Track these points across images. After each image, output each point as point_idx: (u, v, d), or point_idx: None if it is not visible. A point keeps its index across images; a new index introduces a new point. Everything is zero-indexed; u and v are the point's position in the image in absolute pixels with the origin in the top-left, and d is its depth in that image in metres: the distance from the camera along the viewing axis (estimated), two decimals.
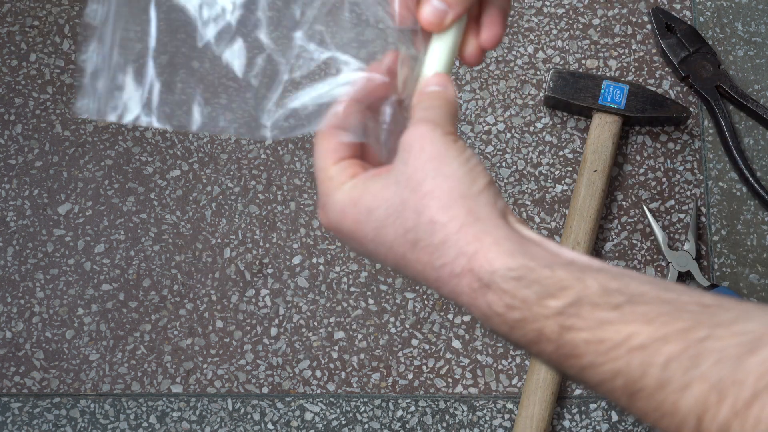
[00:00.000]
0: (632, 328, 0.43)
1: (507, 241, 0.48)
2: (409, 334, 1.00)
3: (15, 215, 1.08)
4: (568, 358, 0.46)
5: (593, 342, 0.44)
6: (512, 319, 0.47)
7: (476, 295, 0.48)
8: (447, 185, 0.49)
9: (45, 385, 1.02)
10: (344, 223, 0.53)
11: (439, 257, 0.49)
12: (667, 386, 0.42)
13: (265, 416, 0.99)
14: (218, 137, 1.08)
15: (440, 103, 0.54)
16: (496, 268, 0.47)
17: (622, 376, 0.44)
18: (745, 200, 1.02)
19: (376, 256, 0.53)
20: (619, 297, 0.45)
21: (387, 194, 0.51)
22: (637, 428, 0.96)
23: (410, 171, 0.50)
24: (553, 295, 0.46)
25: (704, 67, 1.06)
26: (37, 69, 1.13)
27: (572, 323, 0.45)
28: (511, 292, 0.47)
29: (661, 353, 0.42)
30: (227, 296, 1.03)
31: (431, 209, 0.49)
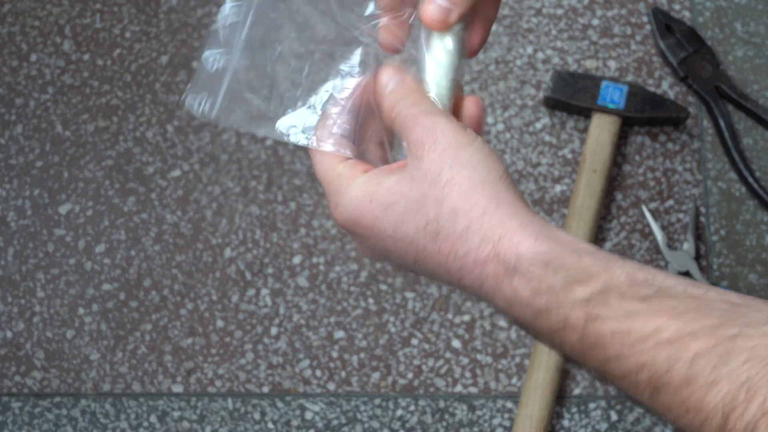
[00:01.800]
0: (660, 321, 0.43)
1: (532, 225, 0.47)
2: (408, 334, 1.00)
3: (16, 215, 1.08)
4: (592, 348, 0.45)
5: (619, 333, 0.44)
6: (538, 306, 0.46)
7: (502, 280, 0.47)
8: (466, 172, 0.49)
9: (45, 385, 1.02)
10: (361, 220, 0.52)
11: (463, 245, 0.48)
12: (693, 382, 0.42)
13: (266, 415, 0.99)
14: (218, 137, 1.09)
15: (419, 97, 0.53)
16: (523, 252, 0.46)
17: (647, 370, 0.43)
18: (744, 200, 1.02)
19: (393, 252, 0.52)
20: (647, 289, 0.44)
21: (404, 188, 0.50)
22: (637, 428, 0.96)
23: (426, 165, 0.50)
24: (580, 281, 0.45)
25: (703, 67, 1.06)
26: (38, 69, 1.13)
27: (599, 312, 0.44)
28: (538, 277, 0.46)
29: (689, 348, 0.42)
30: (228, 296, 1.03)
31: (452, 198, 0.48)
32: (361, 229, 0.52)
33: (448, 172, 0.49)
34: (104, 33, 1.14)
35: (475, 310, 1.00)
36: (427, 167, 0.50)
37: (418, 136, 0.51)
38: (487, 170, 0.49)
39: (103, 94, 1.12)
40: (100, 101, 1.11)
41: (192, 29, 1.13)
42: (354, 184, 0.52)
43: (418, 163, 0.50)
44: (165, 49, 1.13)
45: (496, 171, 0.49)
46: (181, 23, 1.14)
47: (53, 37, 1.15)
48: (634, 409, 0.96)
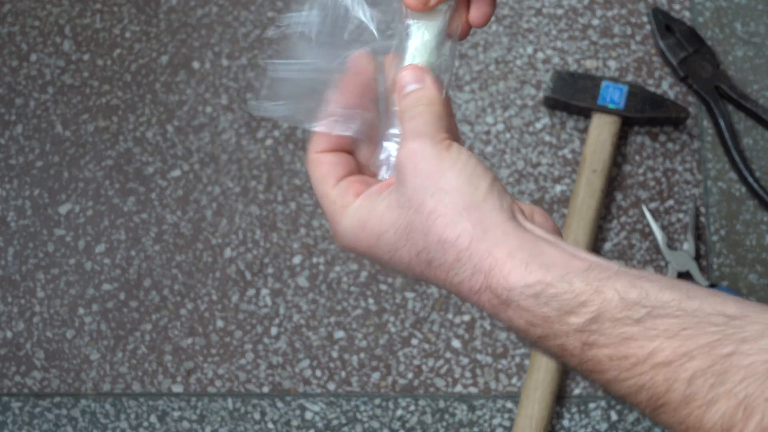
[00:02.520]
0: (655, 343, 0.43)
1: (520, 251, 0.47)
2: (408, 334, 1.00)
3: (16, 215, 1.08)
4: (592, 373, 0.46)
5: (616, 358, 0.44)
6: (534, 335, 0.47)
7: (497, 310, 0.47)
8: (448, 200, 0.48)
9: (45, 385, 1.02)
10: (359, 247, 0.52)
11: (455, 275, 0.48)
12: (692, 402, 0.42)
13: (266, 415, 0.99)
14: (218, 137, 1.09)
15: (423, 109, 0.52)
16: (513, 285, 0.46)
17: (646, 391, 0.44)
18: (744, 200, 1.02)
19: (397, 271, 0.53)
20: (641, 310, 0.44)
21: (392, 217, 0.50)
22: (637, 428, 0.96)
23: (410, 192, 0.49)
24: (572, 311, 0.45)
25: (703, 67, 1.06)
26: (38, 69, 1.13)
27: (594, 340, 0.45)
28: (531, 311, 0.46)
29: (686, 369, 0.42)
30: (228, 296, 1.03)
31: (438, 228, 0.48)
32: (361, 254, 0.53)
33: (431, 201, 0.49)
34: (104, 33, 1.14)
35: (475, 310, 1.00)
36: (410, 194, 0.49)
37: (402, 159, 0.51)
38: (471, 191, 0.49)
39: (103, 94, 1.12)
40: (100, 101, 1.11)
41: (192, 29, 1.13)
42: (347, 213, 0.52)
43: (402, 189, 0.50)
44: (165, 49, 1.13)
45: (481, 190, 0.49)
46: (181, 23, 1.14)
47: (53, 37, 1.14)
48: (634, 409, 0.96)
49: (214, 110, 1.10)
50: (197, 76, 1.11)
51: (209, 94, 1.11)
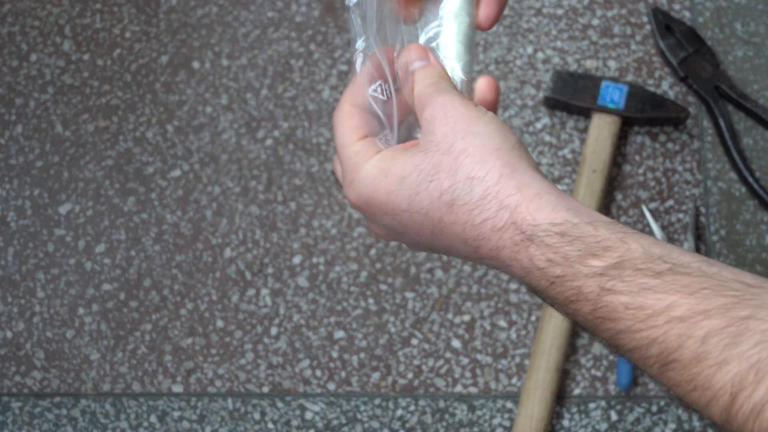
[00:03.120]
0: (673, 298, 0.43)
1: (548, 194, 0.48)
2: (408, 334, 1.00)
3: (16, 215, 1.08)
4: (604, 321, 0.45)
5: (632, 307, 0.44)
6: (552, 275, 0.46)
7: (518, 248, 0.47)
8: (479, 141, 0.49)
9: (45, 385, 1.02)
10: (376, 196, 0.52)
11: (479, 213, 0.48)
12: (703, 360, 0.42)
13: (266, 415, 0.99)
14: (218, 137, 1.09)
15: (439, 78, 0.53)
16: (540, 221, 0.47)
17: (657, 345, 0.44)
18: (744, 200, 1.02)
19: (410, 227, 0.52)
20: (662, 264, 0.44)
21: (417, 161, 0.50)
22: (637, 428, 0.96)
23: (438, 138, 0.50)
24: (595, 254, 0.45)
25: (703, 67, 1.06)
26: (38, 69, 1.13)
27: (613, 285, 0.45)
28: (554, 247, 0.46)
29: (701, 327, 0.42)
30: (228, 296, 1.03)
31: (467, 166, 0.49)
32: (376, 205, 0.52)
33: (461, 143, 0.49)
34: (104, 33, 1.14)
35: (475, 310, 1.00)
36: (439, 139, 0.50)
37: (431, 113, 0.51)
38: (501, 139, 0.49)
39: (103, 94, 1.12)
40: (100, 101, 1.11)
41: (192, 29, 1.13)
42: (370, 162, 0.52)
43: (430, 137, 0.50)
44: (165, 49, 1.13)
45: (509, 140, 0.50)
46: (181, 23, 1.14)
47: (53, 37, 1.15)
48: (634, 409, 0.96)
49: (214, 110, 1.10)
50: (197, 76, 1.11)
51: (209, 94, 1.11)
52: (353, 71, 0.56)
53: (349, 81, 1.13)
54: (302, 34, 1.12)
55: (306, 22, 1.12)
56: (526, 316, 1.00)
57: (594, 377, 0.97)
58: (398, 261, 1.02)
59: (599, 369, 0.98)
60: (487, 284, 1.01)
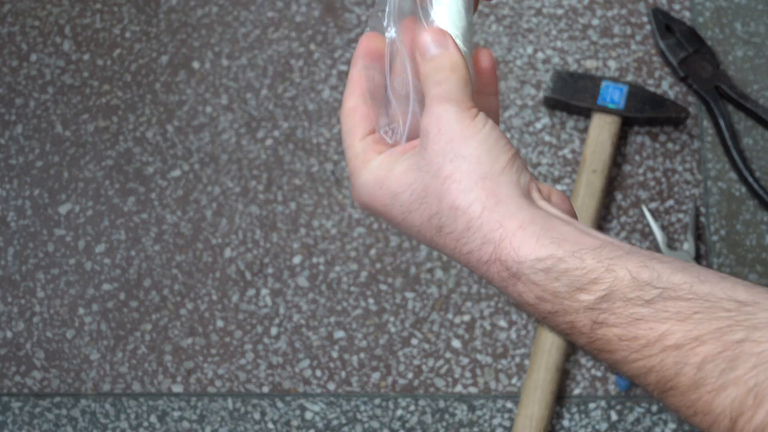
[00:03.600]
0: (666, 326, 0.43)
1: (532, 225, 0.47)
2: (408, 334, 1.00)
3: (16, 215, 1.08)
4: (600, 352, 0.45)
5: (626, 339, 0.44)
6: (544, 311, 0.46)
7: (506, 284, 0.47)
8: (466, 167, 0.48)
9: (45, 385, 1.02)
10: (374, 205, 0.52)
11: (465, 244, 0.48)
12: (701, 387, 0.42)
13: (266, 415, 0.99)
14: (218, 137, 1.09)
15: (447, 75, 0.51)
16: (523, 258, 0.46)
17: (655, 373, 0.43)
18: (744, 200, 1.02)
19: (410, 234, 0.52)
20: (652, 291, 0.44)
21: (410, 179, 0.50)
22: (637, 428, 0.96)
23: (430, 156, 0.49)
24: (583, 288, 0.45)
25: (703, 67, 1.06)
26: (38, 69, 1.13)
27: (604, 319, 0.44)
28: (541, 285, 0.46)
29: (696, 354, 0.42)
30: (228, 296, 1.03)
31: (452, 194, 0.48)
32: (375, 213, 0.52)
33: (449, 167, 0.48)
34: (104, 33, 1.14)
35: (475, 310, 1.00)
36: (430, 158, 0.49)
37: (426, 123, 0.50)
38: (490, 162, 0.48)
39: (103, 94, 1.12)
40: (100, 101, 1.11)
41: (192, 29, 1.13)
42: (368, 168, 0.52)
43: (423, 152, 0.50)
44: (165, 49, 1.13)
45: (499, 162, 0.48)
46: (181, 23, 1.14)
47: (53, 37, 1.15)
48: (634, 409, 0.96)
49: (214, 110, 1.10)
50: (197, 76, 1.11)
51: (209, 94, 1.11)
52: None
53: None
54: (302, 34, 1.12)
55: (306, 22, 1.12)
56: (526, 316, 1.00)
57: (594, 377, 0.97)
58: (398, 261, 1.02)
59: (599, 369, 0.98)
60: (487, 284, 1.01)
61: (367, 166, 0.52)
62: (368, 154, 0.52)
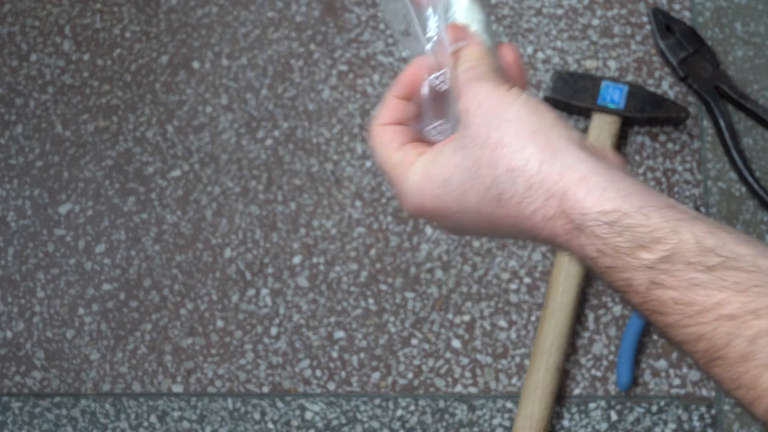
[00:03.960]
0: (723, 295, 0.42)
1: (595, 175, 0.46)
2: (408, 334, 1.00)
3: (16, 215, 1.08)
4: (653, 313, 0.45)
5: (681, 303, 0.43)
6: (603, 265, 0.45)
7: (570, 237, 0.46)
8: (514, 128, 0.47)
9: (45, 385, 1.02)
10: (426, 203, 0.51)
11: (528, 204, 0.47)
12: (750, 360, 0.41)
13: (266, 415, 0.99)
14: (218, 137, 1.09)
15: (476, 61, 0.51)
16: (588, 210, 0.45)
17: (705, 341, 0.43)
18: (744, 200, 1.02)
19: (467, 225, 0.51)
20: (714, 258, 0.43)
21: (456, 160, 0.49)
22: (637, 428, 0.96)
23: (473, 131, 0.48)
24: (646, 246, 0.44)
25: (703, 67, 1.06)
26: (38, 69, 1.13)
27: (662, 280, 0.44)
28: (604, 238, 0.45)
29: (750, 326, 0.42)
30: (228, 296, 1.03)
31: (505, 157, 0.47)
32: (429, 212, 0.51)
33: (496, 133, 0.47)
34: (104, 33, 1.14)
35: (475, 310, 1.00)
36: (474, 133, 0.48)
37: (465, 104, 0.50)
38: (537, 120, 0.47)
39: (103, 94, 1.12)
40: (100, 101, 1.11)
41: (192, 29, 1.13)
42: (412, 170, 0.51)
43: (466, 131, 0.49)
44: (165, 49, 1.13)
45: (546, 120, 0.48)
46: (181, 23, 1.14)
47: (53, 37, 1.15)
48: (634, 409, 0.96)
49: (214, 110, 1.10)
50: (197, 76, 1.11)
51: (209, 94, 1.11)
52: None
53: (349, 81, 1.13)
54: (302, 34, 1.12)
55: (306, 22, 1.12)
56: (526, 316, 1.00)
57: (594, 377, 0.97)
58: (398, 261, 1.02)
59: (599, 369, 0.98)
60: (487, 284, 1.01)
61: (411, 168, 0.51)
62: (409, 159, 0.52)
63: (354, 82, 1.09)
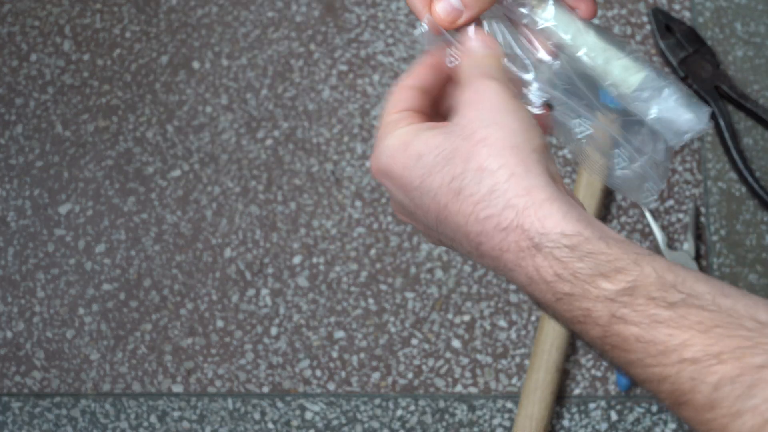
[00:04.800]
0: (686, 335, 0.41)
1: (559, 201, 0.45)
2: (408, 334, 1.00)
3: (16, 215, 1.08)
4: (614, 349, 0.43)
5: (643, 341, 0.42)
6: (560, 291, 0.44)
7: (524, 255, 0.45)
8: (501, 134, 0.47)
9: (45, 385, 1.02)
10: (393, 168, 0.51)
11: (484, 208, 0.46)
12: (716, 408, 0.41)
13: (266, 415, 0.99)
14: (218, 137, 1.09)
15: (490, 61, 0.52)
16: (548, 229, 0.45)
17: (669, 383, 0.42)
18: (744, 200, 1.02)
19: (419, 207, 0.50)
20: (676, 294, 0.42)
21: (438, 141, 0.49)
22: (637, 428, 0.96)
23: (464, 122, 0.49)
24: (607, 275, 0.43)
25: (703, 67, 1.06)
26: (38, 69, 1.13)
27: (624, 314, 0.43)
28: (563, 262, 0.44)
29: (714, 372, 0.41)
30: (228, 296, 1.03)
31: (481, 156, 0.47)
32: (392, 179, 0.51)
33: (483, 131, 0.48)
34: (104, 33, 1.14)
35: (475, 310, 1.00)
36: (464, 124, 0.49)
37: (468, 96, 0.50)
38: (524, 138, 0.48)
39: (103, 94, 1.12)
40: (100, 101, 1.11)
41: (192, 29, 1.13)
42: (395, 132, 0.51)
43: (458, 119, 0.49)
44: (165, 49, 1.13)
45: (532, 142, 0.48)
46: (181, 23, 1.14)
47: (53, 37, 1.15)
48: (634, 409, 0.96)
49: (214, 110, 1.10)
50: (197, 76, 1.11)
51: (209, 94, 1.11)
52: None
53: (349, 81, 1.13)
54: (302, 34, 1.12)
55: (306, 22, 1.12)
56: (526, 316, 1.00)
57: (594, 377, 0.97)
58: (398, 261, 1.02)
59: (599, 369, 0.98)
60: (487, 284, 1.01)
61: (395, 131, 0.52)
62: (400, 123, 0.52)
63: (354, 82, 1.09)
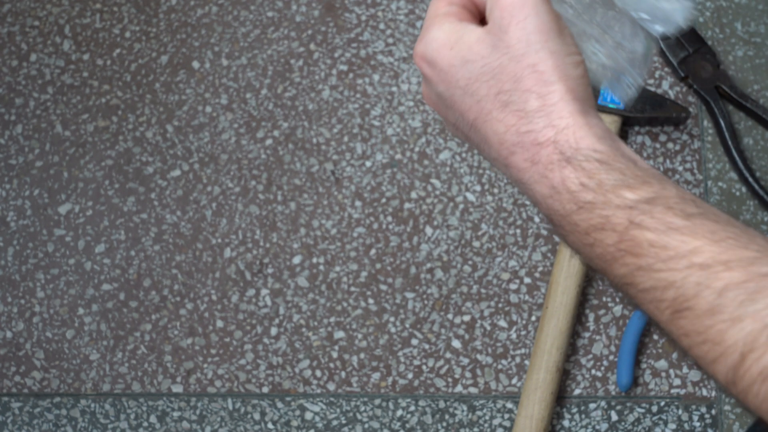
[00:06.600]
0: (698, 243, 0.43)
1: (598, 127, 0.48)
2: (408, 334, 1.00)
3: (15, 215, 1.08)
4: (626, 255, 0.45)
5: (656, 246, 0.44)
6: (582, 200, 0.47)
7: (553, 167, 0.48)
8: (552, 62, 0.49)
9: (45, 385, 1.02)
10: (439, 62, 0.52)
11: (527, 123, 0.49)
12: (717, 314, 0.41)
13: (266, 416, 0.99)
14: (218, 137, 1.09)
15: None
16: (582, 147, 0.47)
17: (674, 289, 0.43)
18: (744, 200, 1.02)
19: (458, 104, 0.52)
20: (694, 207, 0.45)
21: (484, 52, 0.51)
22: (637, 428, 0.96)
23: (511, 40, 0.50)
24: (631, 186, 0.46)
25: (704, 67, 1.06)
26: (38, 69, 1.13)
27: (641, 220, 0.45)
28: (590, 172, 0.47)
29: (720, 278, 0.42)
30: (227, 296, 1.03)
31: (532, 80, 0.49)
32: (436, 71, 0.53)
33: (534, 56, 0.49)
34: (104, 33, 1.14)
35: (475, 310, 1.00)
36: (512, 43, 0.50)
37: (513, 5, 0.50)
38: (572, 66, 0.50)
39: (103, 94, 1.12)
40: (100, 101, 1.11)
41: (192, 29, 1.13)
42: (443, 26, 0.52)
43: (501, 35, 0.50)
44: (165, 49, 1.13)
45: (578, 69, 0.50)
46: (181, 23, 1.14)
47: (53, 37, 1.14)
48: (635, 409, 0.96)
49: (214, 110, 1.10)
50: (197, 76, 1.11)
51: (209, 94, 1.11)
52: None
53: (349, 81, 1.13)
54: (302, 34, 1.12)
55: (306, 22, 1.12)
56: (526, 316, 1.00)
57: (594, 377, 0.97)
58: (398, 261, 1.02)
59: (599, 369, 0.98)
60: (487, 284, 1.01)
61: (443, 24, 0.52)
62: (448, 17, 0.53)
63: (354, 82, 1.09)
